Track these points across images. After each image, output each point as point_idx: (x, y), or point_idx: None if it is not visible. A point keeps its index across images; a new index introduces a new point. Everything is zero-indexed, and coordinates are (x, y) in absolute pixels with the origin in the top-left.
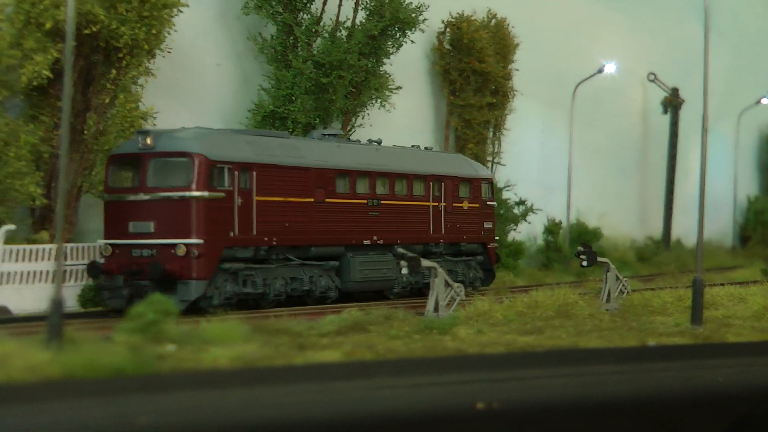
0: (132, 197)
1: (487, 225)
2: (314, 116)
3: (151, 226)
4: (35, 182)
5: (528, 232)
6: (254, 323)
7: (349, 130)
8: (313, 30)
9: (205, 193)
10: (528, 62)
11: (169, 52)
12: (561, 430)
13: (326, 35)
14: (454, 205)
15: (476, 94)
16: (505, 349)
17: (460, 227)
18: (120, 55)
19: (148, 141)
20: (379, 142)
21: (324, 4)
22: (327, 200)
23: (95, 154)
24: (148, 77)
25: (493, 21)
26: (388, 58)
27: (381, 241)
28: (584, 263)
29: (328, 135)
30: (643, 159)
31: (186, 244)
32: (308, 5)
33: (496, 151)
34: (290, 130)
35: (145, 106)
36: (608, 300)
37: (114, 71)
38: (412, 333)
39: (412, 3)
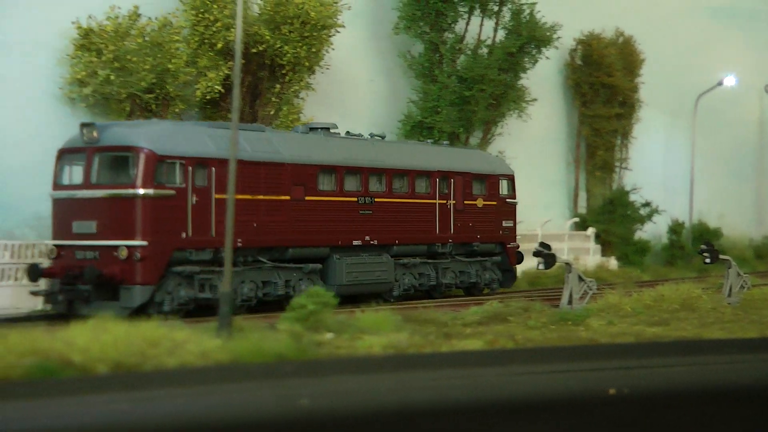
0: (77, 194)
1: (507, 224)
2: (458, 126)
3: (93, 226)
4: None
5: (653, 231)
6: (404, 314)
7: (489, 139)
8: (457, 48)
9: (150, 191)
10: (653, 76)
11: (327, 69)
12: (686, 415)
13: (469, 52)
14: (465, 203)
15: (605, 105)
16: (634, 339)
17: (473, 226)
18: (283, 71)
19: (94, 134)
20: (382, 137)
21: (467, 24)
22: (307, 198)
23: None
24: (308, 91)
25: (621, 39)
26: (525, 72)
27: (375, 242)
28: (707, 260)
29: (320, 128)
30: (759, 164)
31: (128, 246)
32: (452, 25)
33: (623, 157)
34: (436, 138)
35: (306, 117)
36: (730, 294)
37: (278, 86)
38: (548, 324)
39: (547, 23)
